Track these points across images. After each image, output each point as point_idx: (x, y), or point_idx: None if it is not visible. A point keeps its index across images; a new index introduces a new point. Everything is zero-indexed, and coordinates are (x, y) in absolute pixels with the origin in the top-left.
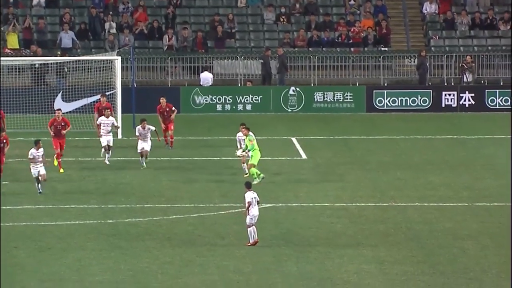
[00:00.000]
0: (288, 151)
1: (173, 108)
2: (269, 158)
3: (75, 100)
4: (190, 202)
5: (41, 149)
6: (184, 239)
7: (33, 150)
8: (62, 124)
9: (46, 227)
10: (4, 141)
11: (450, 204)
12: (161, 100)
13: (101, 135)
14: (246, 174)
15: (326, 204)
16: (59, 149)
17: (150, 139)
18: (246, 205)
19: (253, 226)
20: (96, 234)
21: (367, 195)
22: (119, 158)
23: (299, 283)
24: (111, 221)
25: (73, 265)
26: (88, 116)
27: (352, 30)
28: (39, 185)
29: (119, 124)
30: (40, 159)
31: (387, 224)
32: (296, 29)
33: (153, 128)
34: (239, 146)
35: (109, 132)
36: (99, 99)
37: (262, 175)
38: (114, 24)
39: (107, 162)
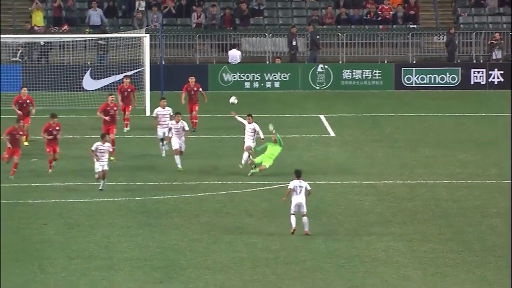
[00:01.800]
0: (316, 129)
1: (201, 89)
2: (297, 135)
3: (104, 77)
4: (218, 179)
5: (107, 143)
6: (212, 217)
7: (98, 143)
8: (115, 109)
9: (74, 204)
10: (57, 128)
11: (478, 181)
12: (190, 79)
13: (158, 126)
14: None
15: (354, 181)
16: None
17: (184, 136)
18: (287, 191)
19: (294, 216)
20: (125, 211)
21: (395, 172)
22: (147, 136)
23: (327, 261)
24: (139, 198)
25: (102, 242)
26: (116, 93)
27: (380, 8)
28: (101, 181)
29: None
30: (106, 154)
31: (415, 201)
32: (325, 7)
33: (187, 127)
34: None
35: (166, 124)
36: (122, 80)
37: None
38: (143, 3)
39: (163, 155)
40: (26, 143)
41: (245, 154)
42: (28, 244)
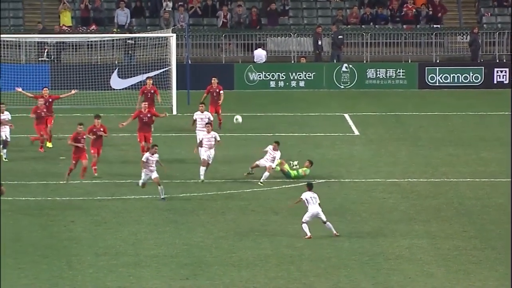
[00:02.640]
0: (341, 127)
1: (221, 92)
2: (322, 134)
3: (131, 77)
4: (244, 177)
5: (156, 155)
6: (238, 214)
7: (148, 155)
8: (148, 115)
9: (102, 202)
10: (101, 129)
11: (501, 180)
12: (212, 81)
13: (196, 130)
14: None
15: (378, 179)
16: (143, 142)
17: (215, 150)
18: (297, 199)
19: (306, 224)
20: (152, 208)
21: (419, 170)
22: (173, 134)
23: (352, 258)
24: (166, 196)
25: (129, 239)
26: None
27: (404, 6)
28: (159, 187)
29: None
30: (153, 165)
31: (439, 199)
32: (349, 6)
33: (218, 137)
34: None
35: (203, 127)
36: (145, 81)
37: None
38: (170, 4)
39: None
40: (49, 145)
41: (266, 174)
42: (56, 241)
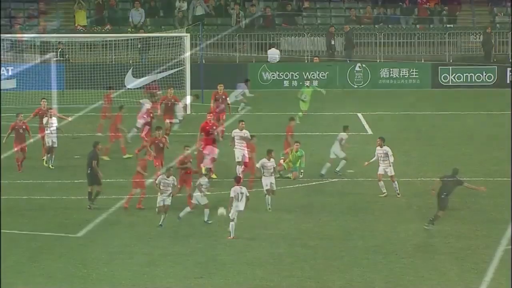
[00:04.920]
0: (354, 127)
1: (228, 99)
2: (336, 133)
3: (145, 75)
4: (257, 176)
5: (171, 177)
6: (252, 213)
7: (162, 177)
8: (214, 128)
9: (116, 201)
10: (163, 140)
11: None
12: (218, 87)
13: (236, 149)
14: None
15: None
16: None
17: (275, 176)
18: (230, 200)
19: (234, 223)
20: None
21: (432, 169)
22: (187, 133)
23: (365, 256)
24: (180, 194)
25: (143, 238)
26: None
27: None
28: (162, 215)
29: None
30: (169, 188)
31: (452, 198)
32: (363, 6)
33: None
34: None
35: (243, 146)
36: (166, 90)
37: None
38: (184, 3)
39: (240, 175)
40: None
41: (395, 185)
42: (71, 239)
